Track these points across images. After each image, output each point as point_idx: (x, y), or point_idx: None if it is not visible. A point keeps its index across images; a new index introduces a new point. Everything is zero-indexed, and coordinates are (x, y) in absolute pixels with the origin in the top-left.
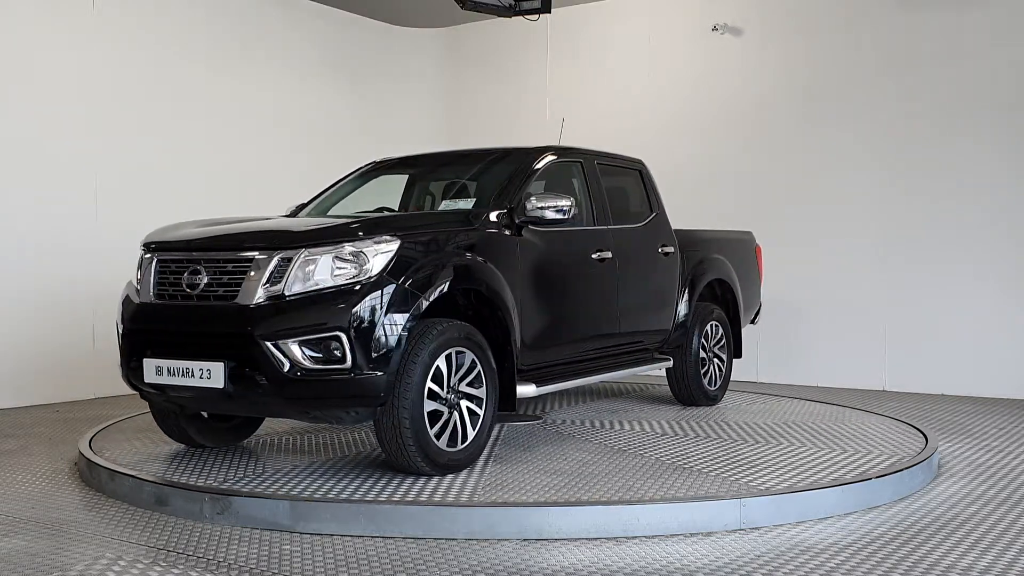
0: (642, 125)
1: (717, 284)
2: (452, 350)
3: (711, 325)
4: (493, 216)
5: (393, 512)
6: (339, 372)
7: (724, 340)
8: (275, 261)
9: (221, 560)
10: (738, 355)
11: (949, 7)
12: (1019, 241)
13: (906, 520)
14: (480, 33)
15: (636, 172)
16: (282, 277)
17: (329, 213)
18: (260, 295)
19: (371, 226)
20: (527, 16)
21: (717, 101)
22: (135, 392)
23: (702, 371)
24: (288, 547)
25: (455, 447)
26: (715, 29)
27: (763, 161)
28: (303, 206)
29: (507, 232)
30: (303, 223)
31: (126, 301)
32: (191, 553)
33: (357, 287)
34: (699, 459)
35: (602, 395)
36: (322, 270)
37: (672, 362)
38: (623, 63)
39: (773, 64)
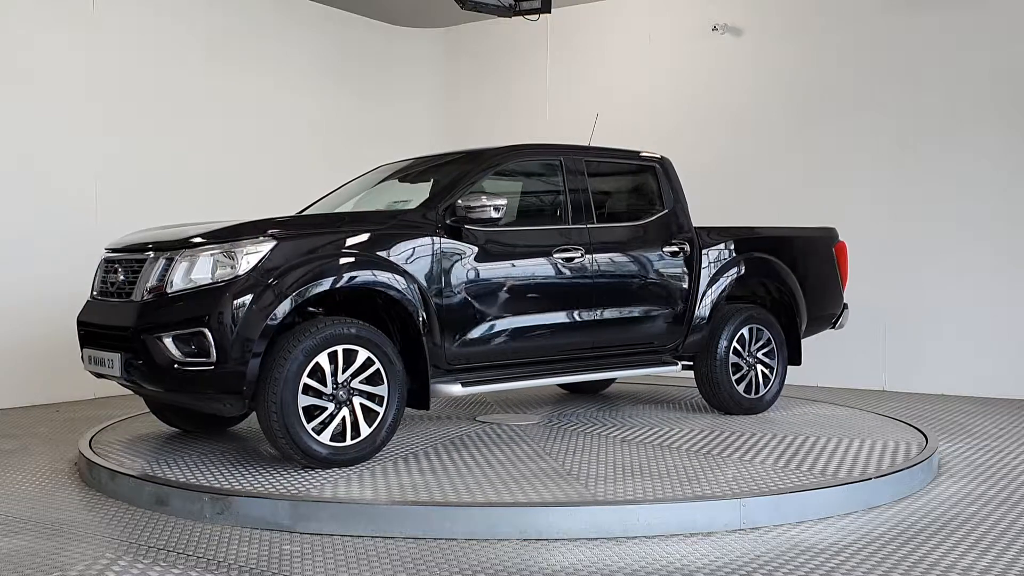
0: (642, 125)
1: (774, 285)
2: (339, 347)
3: (751, 328)
4: (421, 217)
5: (393, 512)
6: (206, 365)
7: (773, 345)
8: (161, 261)
9: (221, 560)
10: (794, 362)
11: (950, 6)
12: (1019, 241)
13: (906, 520)
14: (480, 33)
15: (650, 168)
16: (165, 276)
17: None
18: (147, 293)
19: (246, 228)
20: (527, 16)
21: (717, 101)
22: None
23: (735, 377)
24: (288, 547)
25: (343, 442)
26: (715, 29)
27: (763, 161)
28: (309, 207)
29: (441, 232)
30: (206, 227)
31: None
32: (191, 553)
33: (224, 286)
34: (595, 466)
35: (646, 400)
36: (200, 270)
37: (680, 366)
38: (623, 63)
39: (773, 64)
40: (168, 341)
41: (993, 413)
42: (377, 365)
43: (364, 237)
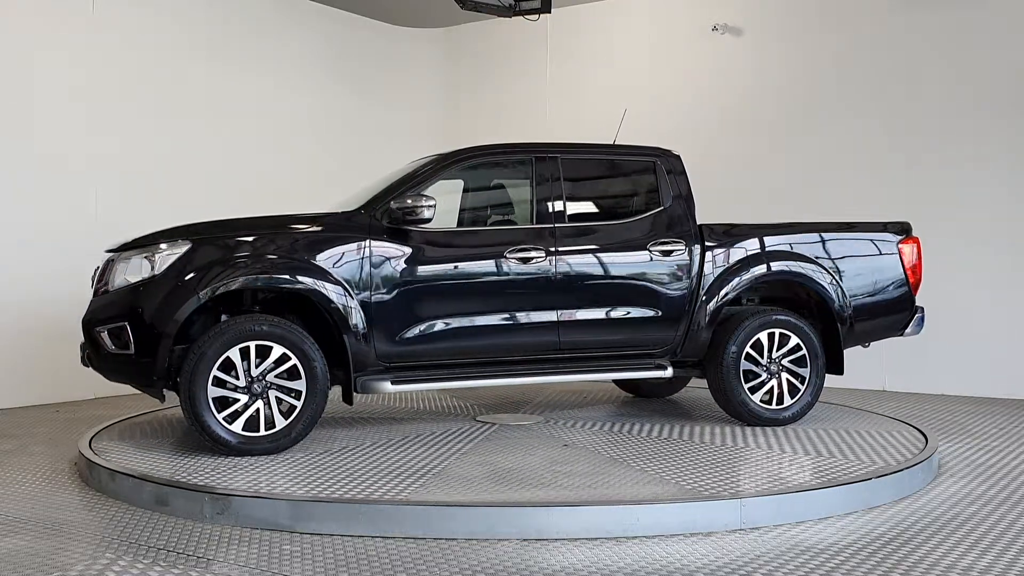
0: (642, 124)
1: (810, 286)
2: (252, 343)
3: (772, 333)
4: (363, 218)
5: (393, 512)
6: (127, 356)
7: (804, 352)
8: (109, 263)
9: (221, 560)
10: (834, 371)
11: (950, 6)
12: (1019, 241)
13: (906, 520)
14: (480, 33)
15: (648, 165)
16: (110, 277)
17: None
18: (98, 290)
19: (168, 232)
20: (527, 16)
21: (716, 101)
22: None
23: (749, 386)
24: (288, 547)
25: (256, 432)
26: (715, 29)
27: (763, 160)
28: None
29: (377, 233)
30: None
31: None
32: (191, 553)
33: (142, 285)
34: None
35: (692, 405)
36: (132, 270)
37: (671, 371)
38: (623, 63)
39: (773, 64)
40: (104, 334)
41: (993, 413)
42: (294, 361)
43: (286, 239)
